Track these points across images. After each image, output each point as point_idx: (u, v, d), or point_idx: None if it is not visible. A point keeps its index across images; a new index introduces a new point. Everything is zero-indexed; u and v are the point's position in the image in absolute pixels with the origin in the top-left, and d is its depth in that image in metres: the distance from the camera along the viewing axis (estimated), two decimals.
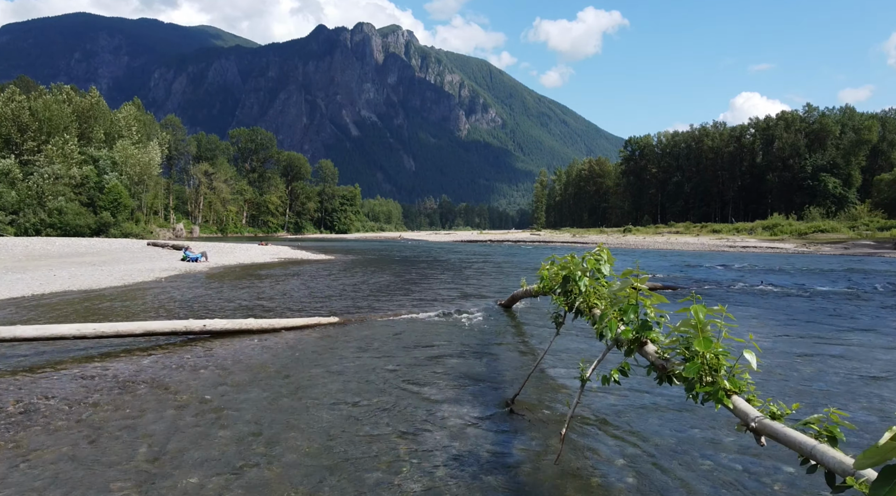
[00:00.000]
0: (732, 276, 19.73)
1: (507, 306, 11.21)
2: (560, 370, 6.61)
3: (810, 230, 48.96)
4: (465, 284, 16.17)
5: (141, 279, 15.24)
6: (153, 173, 69.68)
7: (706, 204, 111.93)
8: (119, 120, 73.08)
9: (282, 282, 16.09)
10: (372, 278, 17.88)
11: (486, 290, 14.58)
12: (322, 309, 10.86)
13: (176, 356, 6.76)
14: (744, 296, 14.28)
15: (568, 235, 78.82)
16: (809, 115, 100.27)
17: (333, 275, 18.68)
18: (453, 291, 14.34)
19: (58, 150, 59.09)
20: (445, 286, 15.69)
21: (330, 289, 14.66)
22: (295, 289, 14.30)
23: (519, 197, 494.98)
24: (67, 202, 57.07)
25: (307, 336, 8.11)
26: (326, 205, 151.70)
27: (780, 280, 18.34)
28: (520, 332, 9.13)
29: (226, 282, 15.91)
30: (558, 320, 5.37)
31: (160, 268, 18.56)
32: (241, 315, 9.86)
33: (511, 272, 21.60)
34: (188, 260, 21.70)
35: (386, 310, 10.75)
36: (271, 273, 18.92)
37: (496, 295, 13.32)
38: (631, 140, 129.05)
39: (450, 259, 30.07)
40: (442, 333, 8.59)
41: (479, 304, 11.69)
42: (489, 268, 23.60)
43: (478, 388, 5.69)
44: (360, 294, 13.58)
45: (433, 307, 11.29)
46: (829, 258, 31.85)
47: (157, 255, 25.29)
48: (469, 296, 13.27)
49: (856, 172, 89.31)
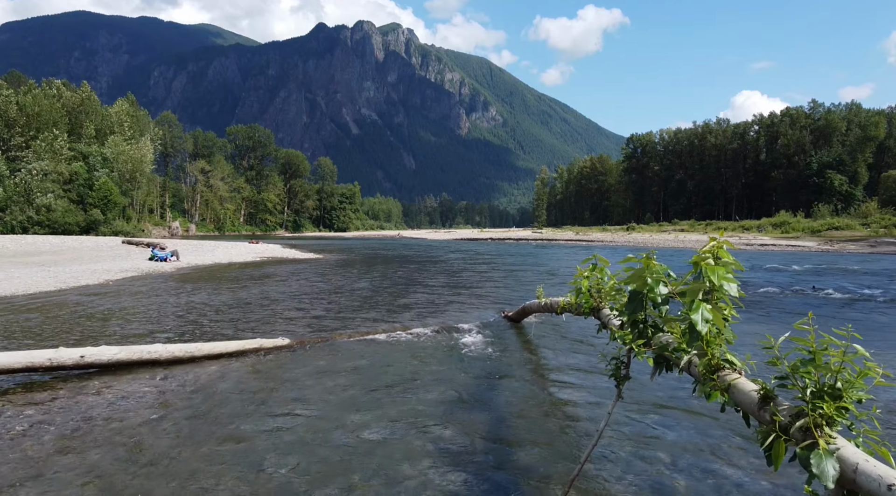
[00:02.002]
0: (775, 279, 17.49)
1: (516, 320, 9.27)
2: (626, 449, 3.98)
3: (823, 228, 47.25)
4: (463, 289, 14.24)
5: (85, 282, 13.60)
6: (145, 170, 68.14)
7: (709, 202, 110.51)
8: (111, 115, 71.55)
9: (250, 285, 14.30)
10: (357, 281, 16.00)
11: (488, 297, 12.64)
12: (279, 322, 8.98)
13: (13, 407, 4.54)
14: (813, 304, 11.99)
15: (571, 233, 77.34)
16: (815, 111, 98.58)
17: (315, 277, 16.87)
18: (448, 298, 12.52)
19: (46, 145, 57.64)
20: (440, 291, 13.76)
21: (303, 294, 12.83)
22: (261, 295, 12.44)
23: (519, 195, 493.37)
24: (56, 199, 55.64)
25: (236, 368, 6.05)
26: (325, 203, 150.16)
27: (832, 283, 16.19)
28: (539, 365, 6.69)
29: (185, 285, 14.25)
30: (619, 372, 3.10)
31: (119, 268, 17.02)
32: (167, 333, 7.77)
33: (516, 274, 19.60)
34: (156, 259, 20.26)
35: (359, 326, 8.79)
36: (245, 274, 17.34)
37: (500, 304, 11.42)
38: (633, 137, 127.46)
39: (448, 259, 28.27)
40: (429, 363, 6.48)
41: (480, 316, 9.84)
42: (491, 269, 21.44)
43: (493, 480, 3.45)
44: (337, 301, 11.75)
45: (422, 320, 9.38)
46: (860, 257, 29.79)
47: (125, 254, 23.71)
48: (467, 305, 11.35)
49: (862, 169, 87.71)
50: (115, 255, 22.82)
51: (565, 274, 18.74)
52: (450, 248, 43.93)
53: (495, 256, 30.96)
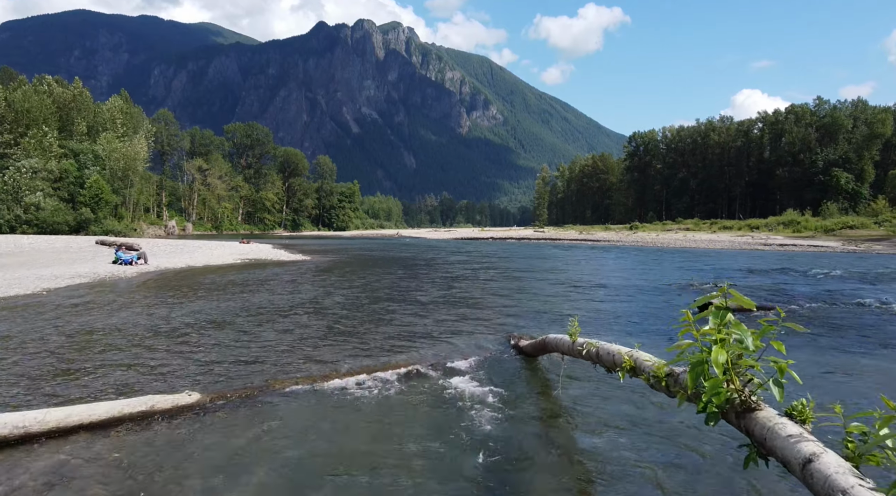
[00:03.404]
0: (824, 287, 15.07)
1: (531, 354, 7.05)
2: None
3: (837, 227, 45.62)
4: (462, 304, 11.80)
5: (15, 292, 12.00)
6: (139, 168, 66.80)
7: (712, 200, 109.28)
8: (104, 112, 70.20)
9: (209, 296, 12.43)
10: (335, 292, 13.61)
11: (492, 315, 10.35)
12: (208, 355, 6.85)
13: None
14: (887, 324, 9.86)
15: (574, 232, 75.90)
16: (820, 108, 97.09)
17: (288, 286, 14.56)
18: (442, 317, 10.14)
19: (36, 142, 56.33)
20: (431, 306, 11.40)
21: (262, 309, 10.57)
22: (215, 311, 10.32)
23: (520, 194, 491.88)
24: (45, 198, 54.34)
25: (88, 454, 3.85)
26: (324, 202, 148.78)
27: (892, 293, 13.80)
28: (575, 446, 4.39)
29: (133, 295, 12.59)
30: None
31: (71, 274, 15.49)
32: (35, 380, 5.58)
33: (526, 281, 16.97)
34: (120, 262, 18.83)
35: (313, 367, 6.42)
36: (212, 281, 15.70)
37: (509, 325, 9.22)
38: (635, 135, 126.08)
39: (446, 262, 26.11)
40: (404, 439, 4.38)
41: (481, 346, 7.75)
42: (496, 276, 18.79)
43: None
44: (300, 321, 9.34)
45: (400, 352, 7.22)
46: (892, 258, 27.88)
47: (90, 257, 22.09)
48: (463, 328, 8.98)
49: (869, 167, 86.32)
50: (78, 258, 21.26)
51: (590, 284, 16.12)
52: (449, 248, 42.28)
53: (500, 259, 28.54)
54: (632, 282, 16.75)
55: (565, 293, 14.14)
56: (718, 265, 24.57)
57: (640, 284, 16.16)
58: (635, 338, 8.04)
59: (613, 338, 7.90)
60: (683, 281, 17.08)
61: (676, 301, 12.80)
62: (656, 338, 8.57)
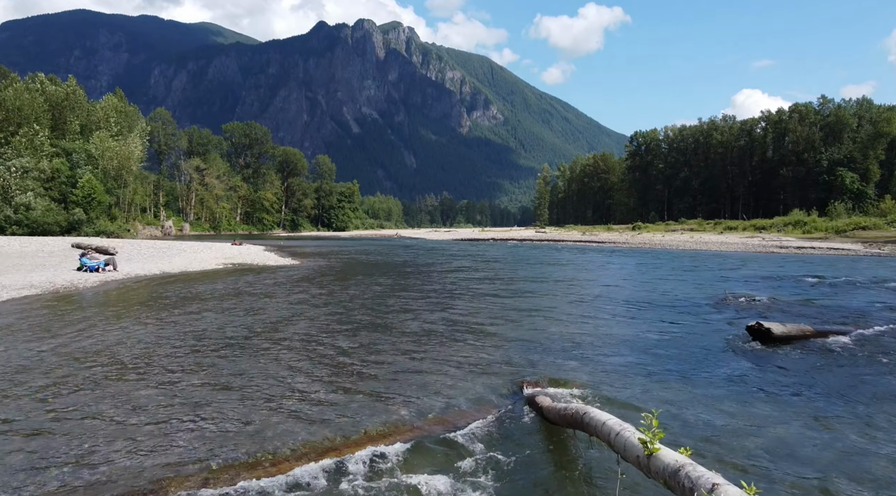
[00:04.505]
0: (880, 301, 13.37)
1: (554, 421, 5.07)
2: None
3: (849, 227, 44.21)
4: (458, 327, 9.86)
5: None
6: (133, 167, 65.65)
7: (714, 200, 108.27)
8: (97, 111, 69.06)
9: (156, 316, 10.68)
10: (309, 311, 11.65)
11: (496, 347, 8.39)
12: (94, 426, 5.05)
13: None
14: None
15: (576, 233, 74.71)
16: (824, 107, 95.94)
17: (255, 304, 12.50)
18: (430, 352, 8.13)
19: (27, 141, 55.22)
20: (422, 337, 9.19)
21: (208, 338, 8.78)
22: (153, 338, 8.63)
23: (521, 194, 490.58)
24: (36, 198, 53.21)
25: None
26: (324, 202, 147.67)
27: None
28: None
29: (73, 313, 10.94)
30: None
31: (24, 283, 14.23)
32: None
33: (534, 295, 14.62)
34: (85, 269, 17.57)
35: (237, 450, 4.62)
36: (176, 293, 14.21)
37: (519, 366, 7.35)
38: (637, 134, 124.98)
39: (444, 267, 24.10)
40: None
41: (482, 398, 6.06)
42: (499, 287, 16.54)
43: None
44: (236, 371, 7.02)
45: (370, 414, 5.51)
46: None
47: (56, 262, 20.73)
48: (459, 372, 7.04)
49: (874, 166, 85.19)
50: (42, 264, 19.87)
51: (611, 299, 13.79)
52: (448, 251, 40.62)
53: (503, 266, 26.01)
54: (657, 296, 14.87)
55: (583, 314, 12.04)
56: (742, 272, 22.72)
57: (669, 299, 14.37)
58: (682, 388, 6.52)
59: (661, 390, 6.42)
60: (714, 293, 15.32)
61: (718, 322, 11.02)
62: (713, 388, 6.65)
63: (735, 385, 6.84)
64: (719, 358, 8.18)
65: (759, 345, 8.73)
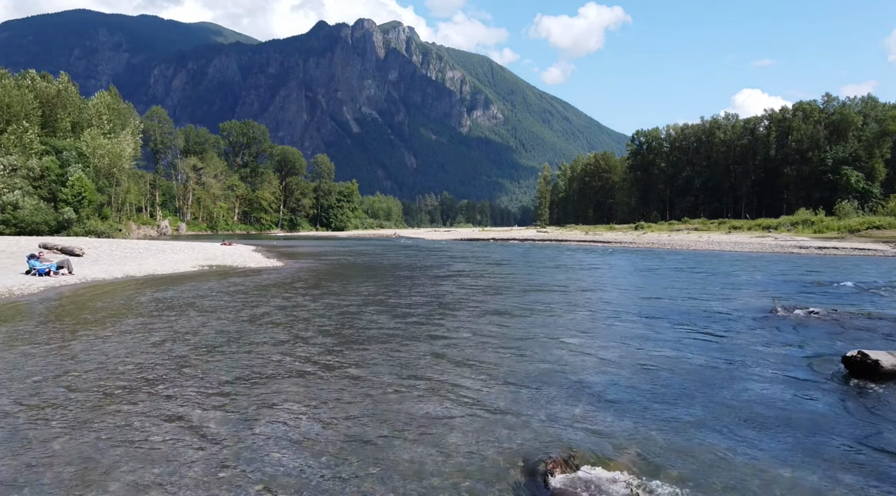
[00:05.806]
0: None
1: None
2: None
3: (863, 227, 42.87)
4: (454, 361, 7.59)
5: None
6: (125, 166, 64.38)
7: (717, 199, 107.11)
8: (89, 108, 67.81)
9: (81, 337, 8.78)
10: (248, 336, 9.12)
11: (504, 396, 6.13)
12: None
13: None
14: None
15: (579, 233, 73.19)
16: (828, 105, 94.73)
17: (202, 317, 10.67)
18: (417, 398, 6.04)
19: (16, 139, 53.98)
20: (406, 378, 6.79)
21: (120, 378, 6.59)
22: (51, 380, 6.47)
23: (521, 193, 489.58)
24: (24, 196, 51.97)
25: None
26: (322, 201, 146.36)
27: None
28: None
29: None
30: None
31: None
32: None
33: (546, 309, 12.21)
34: (35, 273, 16.27)
35: None
36: (125, 303, 12.60)
37: (530, 415, 5.48)
38: (639, 133, 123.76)
39: (443, 272, 21.97)
40: None
41: (486, 488, 3.98)
42: (504, 300, 13.96)
43: None
44: (152, 424, 5.18)
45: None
46: None
47: (8, 264, 19.34)
48: (453, 431, 5.06)
49: (879, 165, 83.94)
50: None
51: (635, 313, 11.80)
52: (448, 253, 38.51)
53: (507, 271, 23.38)
54: (689, 307, 12.84)
55: (608, 338, 9.58)
56: (775, 275, 20.44)
57: (704, 310, 12.15)
58: (790, 471, 4.35)
59: (754, 473, 4.33)
60: (756, 302, 13.06)
61: (788, 346, 8.84)
62: (839, 469, 4.46)
63: (868, 457, 4.66)
64: (823, 408, 5.96)
65: (867, 384, 6.67)
